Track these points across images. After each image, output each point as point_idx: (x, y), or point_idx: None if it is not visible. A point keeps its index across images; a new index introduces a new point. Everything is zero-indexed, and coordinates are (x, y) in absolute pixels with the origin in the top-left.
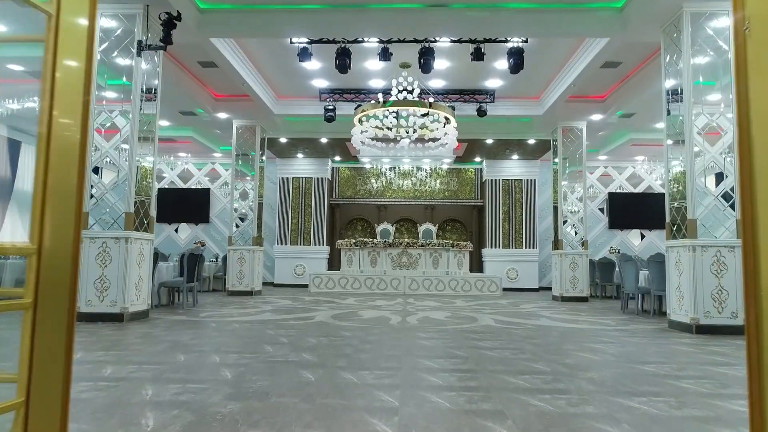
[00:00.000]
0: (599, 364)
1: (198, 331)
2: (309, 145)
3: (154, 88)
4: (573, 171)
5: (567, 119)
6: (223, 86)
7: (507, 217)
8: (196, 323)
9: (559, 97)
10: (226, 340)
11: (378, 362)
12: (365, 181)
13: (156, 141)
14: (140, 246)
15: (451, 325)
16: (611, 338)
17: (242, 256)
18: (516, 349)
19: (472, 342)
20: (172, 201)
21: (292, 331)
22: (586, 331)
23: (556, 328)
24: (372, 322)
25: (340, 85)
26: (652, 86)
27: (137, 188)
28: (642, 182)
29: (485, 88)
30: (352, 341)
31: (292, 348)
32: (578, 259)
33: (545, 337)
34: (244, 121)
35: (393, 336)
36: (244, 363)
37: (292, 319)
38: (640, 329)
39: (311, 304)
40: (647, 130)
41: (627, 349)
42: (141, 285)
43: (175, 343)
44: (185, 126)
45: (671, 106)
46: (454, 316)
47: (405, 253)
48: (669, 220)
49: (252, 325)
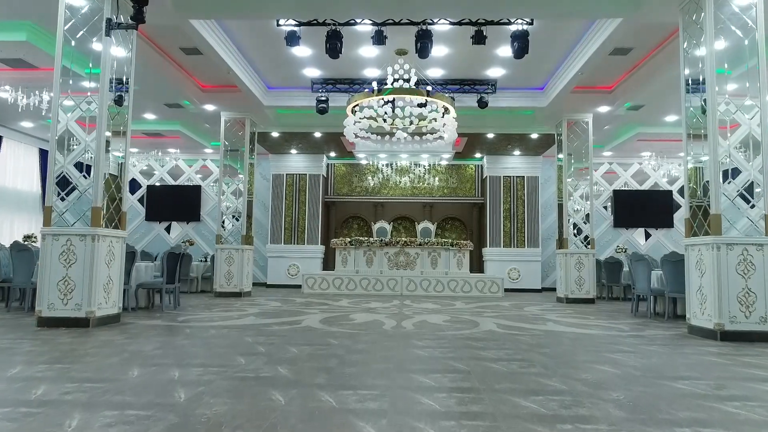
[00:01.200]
0: (623, 381)
1: (167, 339)
2: (302, 139)
3: (126, 74)
4: (578, 167)
5: (572, 111)
6: (209, 76)
7: (508, 216)
8: (170, 329)
9: (565, 87)
10: (196, 349)
11: (364, 379)
12: (361, 178)
13: (128, 130)
14: (110, 244)
15: (451, 330)
16: (629, 346)
17: (230, 255)
18: (524, 360)
19: (473, 352)
20: (162, 199)
21: (274, 338)
22: (598, 337)
23: (565, 335)
24: (364, 327)
25: (333, 74)
26: (663, 75)
27: (107, 182)
28: (648, 179)
29: (486, 77)
30: (338, 351)
31: (268, 360)
32: (584, 258)
33: (555, 345)
34: (233, 114)
35: (385, 344)
36: (206, 380)
37: (277, 324)
38: (657, 336)
39: (301, 306)
40: (656, 124)
41: (650, 360)
42: (111, 287)
43: (134, 354)
44: (172, 119)
45: (690, 96)
46: (453, 320)
47: (402, 253)
48: (689, 216)
49: (230, 332)
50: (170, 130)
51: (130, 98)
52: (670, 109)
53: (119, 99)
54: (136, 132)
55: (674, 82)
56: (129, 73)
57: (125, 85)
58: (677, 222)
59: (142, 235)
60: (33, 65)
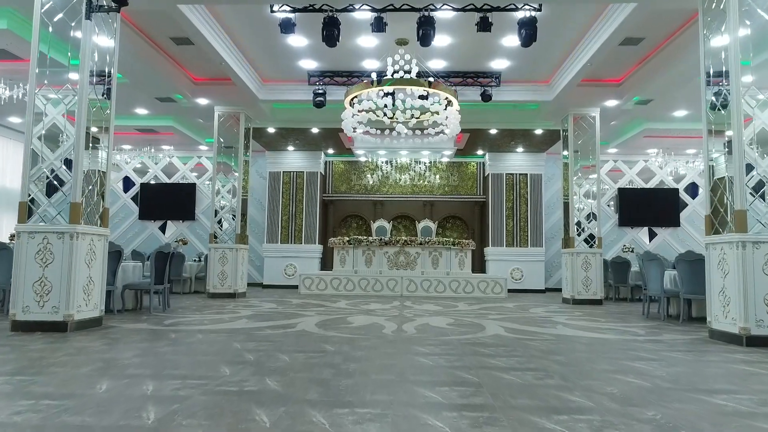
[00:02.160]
0: (655, 395)
1: (149, 345)
2: (299, 135)
3: (110, 61)
4: (584, 164)
5: (579, 105)
6: (202, 68)
7: (511, 214)
8: (154, 334)
9: (572, 79)
10: (178, 357)
11: (362, 393)
12: (360, 176)
13: (111, 125)
14: (91, 242)
15: (455, 334)
16: (649, 353)
17: (224, 254)
18: (539, 370)
19: (482, 360)
20: (156, 197)
21: (265, 344)
22: (614, 342)
23: (578, 339)
24: (363, 331)
25: (330, 66)
26: (674, 68)
27: (87, 176)
28: (654, 177)
29: (490, 69)
30: (334, 359)
31: (256, 370)
32: (591, 258)
33: (570, 351)
34: (227, 108)
35: (385, 351)
36: (182, 396)
37: (270, 328)
38: (677, 340)
39: (297, 308)
40: (664, 120)
41: (677, 369)
42: (91, 288)
43: (108, 363)
44: (165, 115)
45: (709, 88)
46: (457, 323)
47: (402, 252)
48: (709, 213)
49: (218, 336)
50: (163, 125)
51: (113, 90)
52: (680, 103)
53: (108, 92)
54: (128, 128)
55: (685, 75)
56: (112, 63)
57: (108, 78)
58: (684, 221)
59: (135, 234)
60: (16, 56)
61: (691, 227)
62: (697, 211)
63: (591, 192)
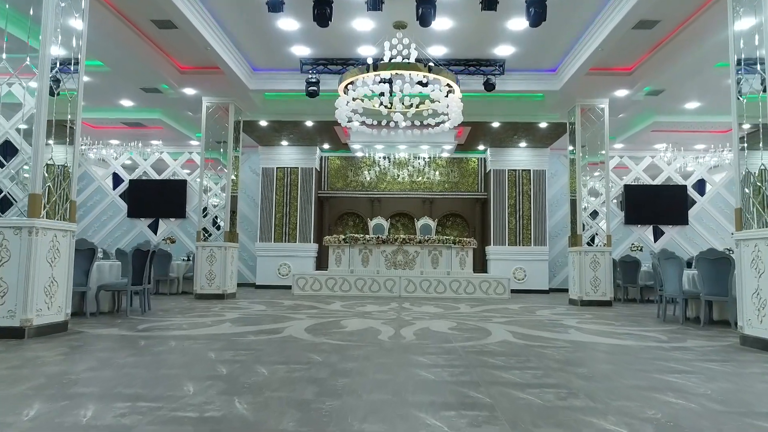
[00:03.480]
0: (707, 421)
1: (110, 355)
2: (293, 129)
3: (78, 46)
4: (591, 160)
5: (587, 96)
6: (187, 55)
7: (514, 212)
8: (122, 340)
9: (580, 67)
10: (138, 371)
11: (350, 420)
12: (357, 172)
13: (79, 100)
14: (54, 239)
15: (459, 341)
16: (681, 363)
17: (212, 253)
18: (561, 386)
19: (492, 373)
20: (145, 194)
21: (244, 353)
22: (637, 350)
23: (596, 347)
24: (356, 337)
25: (324, 53)
26: (689, 55)
27: (50, 167)
28: (660, 173)
29: (494, 57)
30: (321, 372)
31: (226, 387)
32: (600, 257)
33: (590, 362)
34: (216, 99)
35: (380, 362)
36: (124, 425)
37: (254, 334)
38: (706, 348)
39: (288, 310)
40: (674, 112)
41: (720, 385)
42: (54, 289)
43: (51, 380)
44: (152, 107)
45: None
46: (460, 328)
47: (401, 251)
48: (740, 206)
49: (194, 344)
50: (150, 119)
51: (80, 76)
52: (692, 94)
53: (57, 81)
54: (113, 122)
55: (700, 63)
56: (80, 47)
57: (75, 64)
58: (692, 219)
59: (123, 233)
60: None
61: (700, 225)
62: (706, 209)
63: (595, 189)
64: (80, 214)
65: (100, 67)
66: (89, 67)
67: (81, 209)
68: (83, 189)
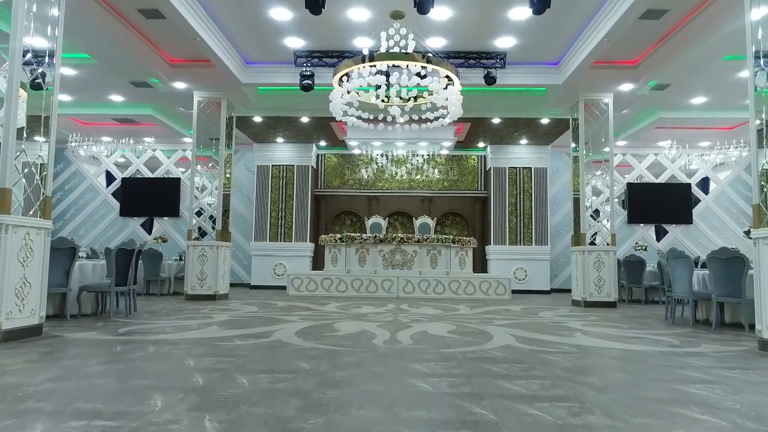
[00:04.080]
0: None
1: (78, 363)
2: (289, 125)
3: (54, 35)
4: (595, 158)
5: (590, 90)
6: (177, 47)
7: (514, 210)
8: (98, 345)
9: (584, 60)
10: (104, 381)
11: None
12: (354, 170)
13: (55, 93)
14: (26, 236)
15: (458, 345)
16: (700, 372)
17: (204, 253)
18: (572, 399)
19: (495, 383)
20: (138, 192)
21: (226, 360)
22: (650, 356)
23: (605, 352)
24: (349, 341)
25: (318, 45)
26: (697, 47)
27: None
28: (664, 171)
29: (495, 49)
30: (307, 383)
31: (199, 401)
32: (604, 256)
33: (601, 370)
34: (207, 93)
35: (374, 370)
36: None
37: (241, 338)
38: (724, 354)
39: (280, 312)
40: (680, 108)
41: (749, 397)
42: (27, 291)
43: (6, 392)
44: (143, 102)
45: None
46: (459, 331)
47: (399, 250)
48: (758, 202)
49: (174, 349)
50: (142, 115)
51: (56, 68)
52: (699, 88)
53: (43, 76)
54: (104, 117)
55: (708, 56)
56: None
57: (51, 58)
58: (696, 218)
59: (116, 232)
60: None
61: (704, 224)
62: (710, 208)
63: (597, 188)
64: (71, 212)
65: (87, 59)
66: (76, 60)
67: (72, 208)
68: (75, 187)
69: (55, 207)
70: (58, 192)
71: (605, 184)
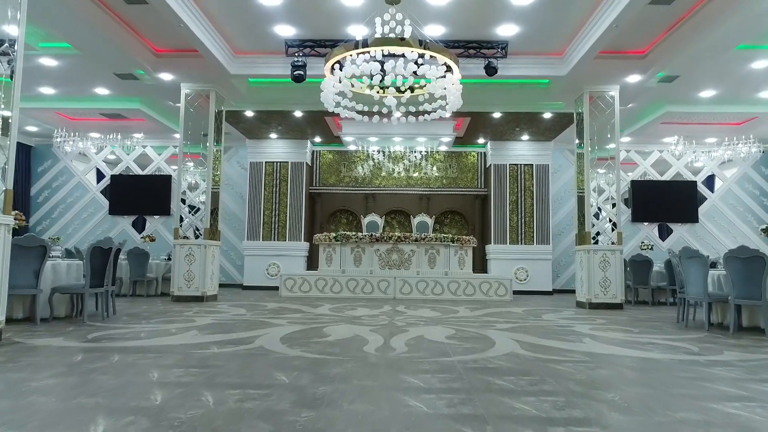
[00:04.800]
0: None
1: (25, 376)
2: (282, 120)
3: (15, 16)
4: (601, 154)
5: (596, 82)
6: (162, 36)
7: (515, 209)
8: (58, 353)
9: (590, 49)
10: (46, 400)
11: None
12: (350, 167)
13: (16, 83)
14: None
15: (458, 353)
16: (731, 385)
17: (191, 252)
18: (592, 423)
19: (500, 401)
20: (128, 190)
21: (195, 371)
22: (671, 366)
23: (620, 361)
24: (338, 348)
25: (310, 33)
26: (708, 35)
27: None
28: (669, 169)
29: (496, 38)
30: (282, 401)
31: (147, 428)
32: (610, 256)
33: (619, 382)
34: (195, 86)
35: (361, 384)
36: None
37: (219, 345)
38: (750, 362)
39: (269, 315)
40: (688, 101)
41: None
42: None
43: None
44: (130, 95)
45: None
46: (459, 336)
47: (395, 250)
48: None
49: (142, 359)
50: (130, 109)
51: (18, 57)
52: (708, 81)
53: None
54: (91, 112)
55: (720, 45)
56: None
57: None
58: (702, 217)
59: (105, 231)
60: None
61: (711, 223)
62: (717, 206)
63: (598, 186)
64: (59, 211)
65: (67, 49)
66: (56, 50)
67: (60, 206)
68: (62, 185)
69: (42, 205)
70: (45, 190)
71: (607, 181)
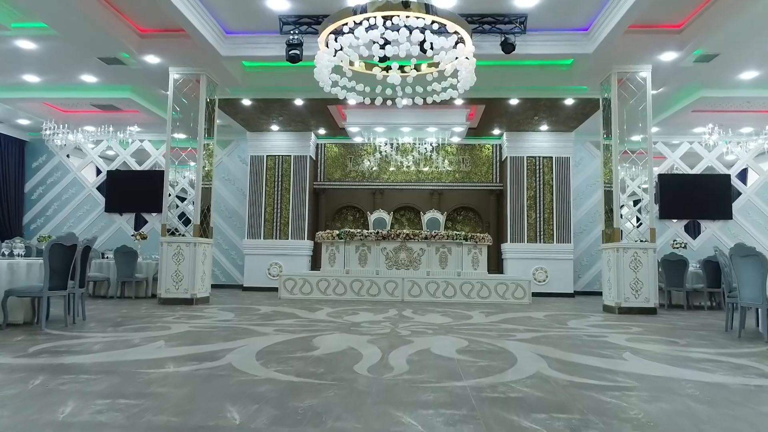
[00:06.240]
0: None
1: None
2: (282, 110)
3: None
4: (630, 146)
5: (625, 61)
6: (147, 14)
7: (533, 205)
8: None
9: (620, 22)
10: None
11: None
12: (357, 161)
13: None
14: None
15: (470, 375)
16: None
17: (179, 250)
18: None
19: None
20: (124, 186)
21: (123, 404)
22: (748, 395)
23: (679, 387)
24: (323, 367)
25: (307, 8)
26: (756, 5)
27: None
28: (700, 162)
29: (514, 10)
30: None
31: None
32: (642, 254)
33: (689, 425)
34: (184, 69)
35: (337, 427)
36: None
37: (178, 362)
38: None
39: (258, 320)
40: (726, 84)
41: None
42: None
43: None
44: (119, 83)
45: None
46: (472, 350)
47: (404, 248)
48: None
49: (70, 382)
50: (121, 99)
51: None
52: (751, 60)
53: None
54: (81, 103)
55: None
56: None
57: None
58: (737, 213)
59: (101, 229)
60: None
61: (746, 220)
62: (752, 201)
63: (622, 180)
64: (54, 208)
65: (44, 29)
66: (32, 31)
67: (55, 203)
68: (57, 181)
69: (37, 202)
70: (40, 186)
71: (630, 176)
